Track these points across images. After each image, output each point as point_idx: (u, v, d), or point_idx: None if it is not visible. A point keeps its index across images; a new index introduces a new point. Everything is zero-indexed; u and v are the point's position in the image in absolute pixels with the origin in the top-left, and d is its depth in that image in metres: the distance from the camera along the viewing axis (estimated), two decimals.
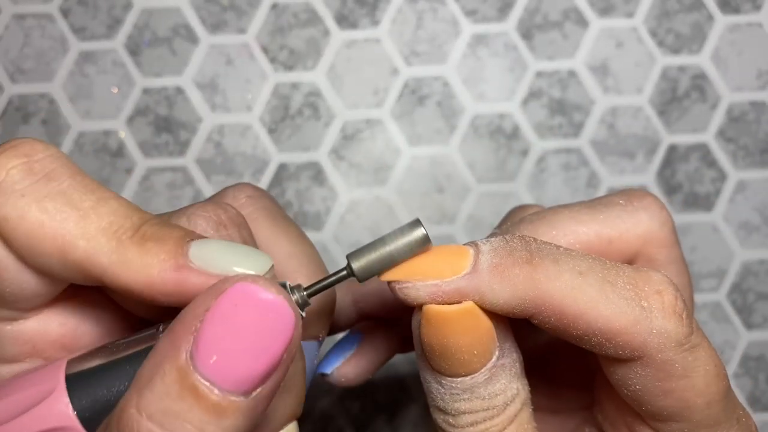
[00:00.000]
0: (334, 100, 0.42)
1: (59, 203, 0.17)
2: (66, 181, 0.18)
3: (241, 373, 0.16)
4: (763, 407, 0.42)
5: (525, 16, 0.43)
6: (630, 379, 0.19)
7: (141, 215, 0.18)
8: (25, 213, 0.17)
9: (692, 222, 0.42)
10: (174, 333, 0.16)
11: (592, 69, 0.42)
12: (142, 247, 0.17)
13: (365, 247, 0.20)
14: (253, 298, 0.16)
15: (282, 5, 0.42)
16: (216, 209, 0.20)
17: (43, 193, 0.17)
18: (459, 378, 0.20)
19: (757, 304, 0.42)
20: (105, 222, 0.17)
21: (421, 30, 0.42)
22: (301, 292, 0.20)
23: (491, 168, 0.42)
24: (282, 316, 0.16)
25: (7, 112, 0.41)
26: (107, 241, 0.17)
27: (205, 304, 0.16)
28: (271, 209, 0.24)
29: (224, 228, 0.20)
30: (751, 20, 0.43)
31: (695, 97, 0.42)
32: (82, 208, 0.17)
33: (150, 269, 0.17)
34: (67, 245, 0.17)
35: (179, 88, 0.42)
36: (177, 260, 0.17)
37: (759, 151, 0.42)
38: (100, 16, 0.42)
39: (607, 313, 0.19)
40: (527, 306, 0.19)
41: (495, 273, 0.19)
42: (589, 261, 0.19)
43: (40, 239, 0.17)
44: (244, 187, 0.24)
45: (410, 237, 0.20)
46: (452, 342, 0.19)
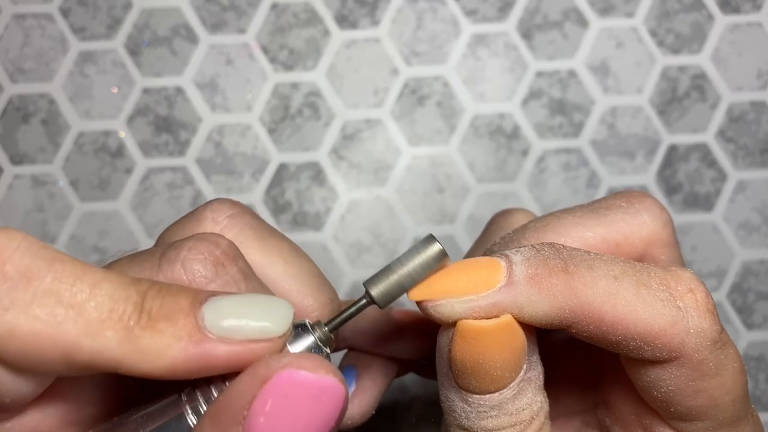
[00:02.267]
0: (334, 100, 0.42)
1: (49, 305, 0.15)
2: (47, 275, 0.16)
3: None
4: (763, 407, 0.42)
5: (525, 16, 0.43)
6: (663, 381, 0.19)
7: (138, 288, 0.17)
8: (13, 328, 0.15)
9: (692, 222, 0.42)
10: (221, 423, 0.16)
11: (592, 69, 0.42)
12: (155, 331, 0.16)
13: (381, 272, 0.19)
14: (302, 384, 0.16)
15: (282, 5, 0.42)
16: (208, 246, 0.19)
17: (28, 299, 0.15)
18: (488, 395, 0.19)
19: (757, 304, 0.42)
20: (105, 312, 0.16)
21: (421, 30, 0.42)
22: (322, 328, 0.19)
23: (491, 168, 0.42)
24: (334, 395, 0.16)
25: (7, 112, 0.41)
26: (114, 333, 0.16)
27: (250, 393, 0.15)
28: (256, 227, 0.22)
29: (223, 267, 0.19)
30: (751, 20, 0.43)
31: (695, 97, 0.42)
32: (75, 303, 0.16)
33: (169, 352, 0.16)
34: (71, 348, 0.16)
35: (179, 88, 0.42)
36: (195, 336, 0.16)
37: (759, 151, 0.42)
38: (100, 16, 0.42)
39: (645, 316, 0.18)
40: (566, 316, 0.18)
41: (532, 284, 0.18)
42: (621, 264, 0.19)
43: (38, 350, 0.16)
44: (220, 206, 0.22)
45: (426, 255, 0.19)
46: (487, 358, 0.19)
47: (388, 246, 0.41)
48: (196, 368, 0.16)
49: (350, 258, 0.41)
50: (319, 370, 0.16)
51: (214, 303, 0.17)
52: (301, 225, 0.41)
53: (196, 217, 0.22)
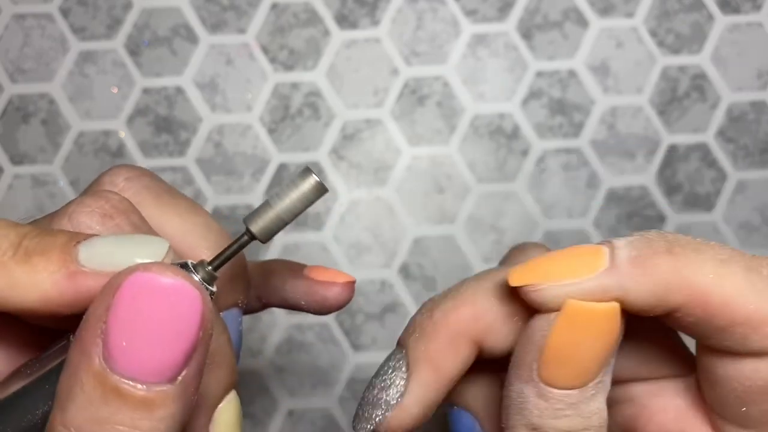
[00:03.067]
0: (334, 100, 0.42)
1: None
2: None
3: (160, 363, 0.15)
4: None
5: (525, 16, 0.43)
6: (758, 373, 0.19)
7: (18, 230, 0.17)
8: None
9: (692, 222, 0.42)
10: (81, 340, 0.16)
11: (592, 69, 0.42)
12: (28, 264, 0.16)
13: (260, 208, 0.19)
14: (150, 286, 0.15)
15: (282, 5, 0.42)
16: (97, 200, 0.19)
17: None
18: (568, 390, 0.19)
19: None
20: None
21: (421, 30, 0.42)
22: (205, 267, 0.19)
23: (491, 168, 0.42)
24: (185, 297, 0.16)
25: (6, 112, 0.41)
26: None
27: (104, 304, 0.16)
28: (153, 187, 0.22)
29: (110, 218, 0.19)
30: (751, 20, 0.43)
31: (695, 97, 0.42)
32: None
33: (42, 285, 0.16)
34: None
35: (179, 88, 0.42)
36: (68, 268, 0.16)
37: (759, 151, 0.42)
38: (100, 16, 0.42)
39: (755, 299, 0.18)
40: (672, 298, 0.18)
41: (636, 265, 0.18)
42: (729, 250, 0.19)
43: None
44: (119, 170, 0.22)
45: (304, 187, 0.19)
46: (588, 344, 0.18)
47: (388, 246, 0.41)
48: (69, 300, 0.17)
49: (350, 258, 0.41)
50: (166, 272, 0.16)
51: (89, 241, 0.17)
52: (301, 225, 0.41)
53: (97, 182, 0.22)
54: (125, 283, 0.15)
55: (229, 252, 0.19)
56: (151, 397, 0.15)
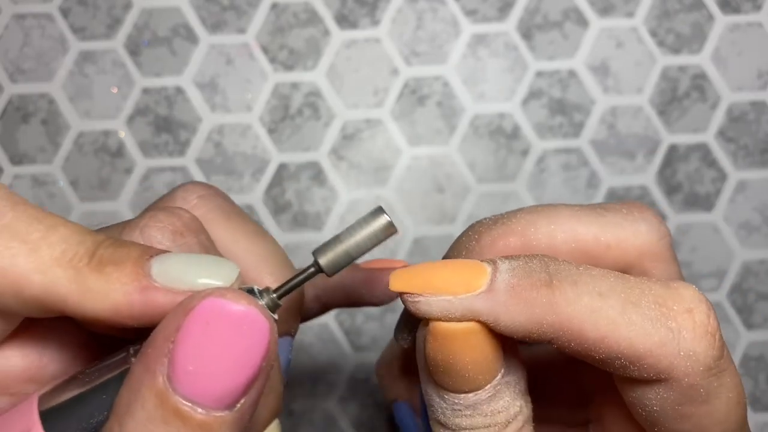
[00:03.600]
0: (334, 100, 0.42)
1: (5, 239, 0.16)
2: (8, 214, 0.17)
3: (222, 389, 0.16)
4: (763, 407, 0.42)
5: (525, 16, 0.43)
6: (649, 400, 0.19)
7: (94, 238, 0.17)
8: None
9: (692, 222, 0.42)
10: (147, 357, 0.16)
11: (592, 69, 0.42)
12: (102, 273, 0.17)
13: (330, 241, 0.19)
14: (223, 312, 0.16)
15: (282, 5, 0.42)
16: (169, 217, 0.19)
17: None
18: (462, 394, 0.19)
19: (757, 304, 0.42)
20: (58, 251, 0.17)
21: (421, 30, 0.42)
22: (270, 294, 0.19)
23: (491, 168, 0.42)
24: (256, 326, 0.16)
25: (6, 112, 0.41)
26: (63, 271, 0.16)
27: (175, 324, 0.16)
28: (225, 208, 0.23)
29: (181, 236, 0.19)
30: (751, 20, 0.43)
31: (695, 97, 0.42)
32: (30, 240, 0.16)
33: (113, 295, 0.17)
34: (21, 282, 0.16)
35: (179, 88, 0.42)
36: (140, 282, 0.17)
37: (759, 151, 0.42)
38: (100, 16, 0.42)
39: (631, 335, 0.18)
40: (545, 330, 0.18)
41: (512, 294, 0.18)
42: (610, 281, 0.18)
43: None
44: (193, 186, 0.23)
45: (374, 226, 0.19)
46: (458, 359, 0.18)
47: (388, 246, 0.41)
48: (138, 313, 0.17)
49: None
50: (240, 300, 0.16)
51: (162, 257, 0.17)
52: (301, 225, 0.41)
53: (168, 196, 0.22)
54: (199, 307, 0.16)
55: (295, 282, 0.19)
56: (209, 422, 0.16)
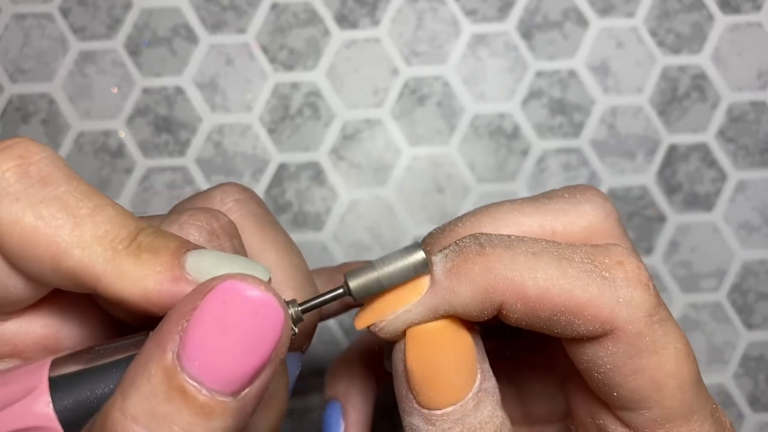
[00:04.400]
0: (334, 100, 0.42)
1: (54, 209, 0.17)
2: (62, 186, 0.17)
3: (230, 373, 0.16)
4: (763, 407, 0.42)
5: (525, 16, 0.43)
6: (600, 359, 0.19)
7: (137, 224, 0.18)
8: (19, 218, 0.17)
9: (692, 222, 0.42)
10: (160, 333, 0.16)
11: (592, 69, 0.42)
12: (138, 258, 0.17)
13: (365, 267, 0.20)
14: (242, 295, 0.16)
15: (282, 5, 0.42)
16: (208, 218, 0.20)
17: (39, 198, 0.17)
18: (449, 407, 0.19)
19: (757, 304, 0.42)
20: (101, 230, 0.17)
21: (421, 30, 0.42)
22: (295, 307, 0.19)
23: (491, 168, 0.42)
24: (272, 313, 0.16)
25: (6, 112, 0.41)
26: (103, 250, 0.17)
27: (192, 303, 0.16)
28: (259, 215, 0.23)
29: (216, 238, 0.20)
30: (751, 20, 0.43)
31: (695, 97, 0.42)
32: (78, 215, 0.17)
33: (146, 281, 0.17)
34: (61, 253, 0.17)
35: (179, 88, 0.42)
36: (173, 272, 0.17)
37: (759, 151, 0.42)
38: (100, 16, 0.42)
39: (569, 286, 0.18)
40: (492, 297, 0.19)
41: (451, 276, 0.19)
42: (542, 243, 0.19)
43: (33, 245, 0.17)
44: (231, 188, 0.23)
45: (409, 260, 0.19)
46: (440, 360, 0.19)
47: (388, 246, 0.41)
48: (166, 303, 0.17)
49: (350, 258, 0.41)
50: (259, 285, 0.16)
51: (198, 252, 0.18)
52: (301, 225, 0.41)
53: (206, 195, 0.23)
54: (217, 287, 0.16)
55: (321, 300, 0.20)
56: (211, 405, 0.16)
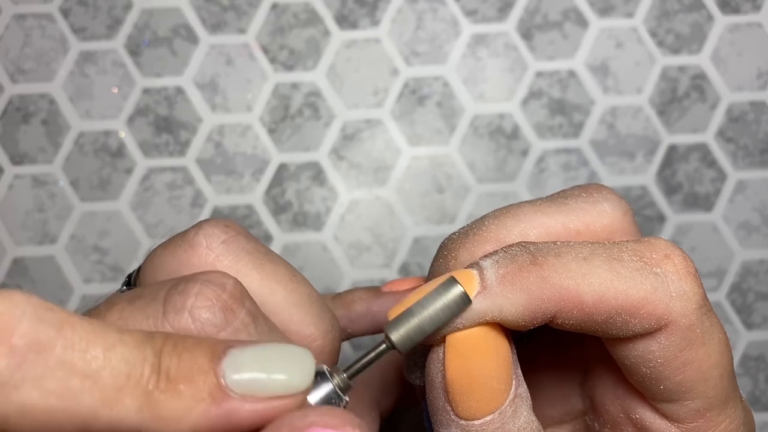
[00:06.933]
0: (334, 100, 0.42)
1: (62, 377, 0.14)
2: (57, 343, 0.14)
3: None
4: (763, 407, 0.42)
5: (525, 16, 0.43)
6: (651, 353, 0.19)
7: (153, 346, 0.15)
8: (26, 407, 0.14)
9: (692, 222, 0.42)
10: None
11: (592, 69, 0.42)
12: (174, 393, 0.15)
13: (402, 315, 0.19)
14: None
15: (282, 5, 0.42)
16: (215, 291, 0.18)
17: (39, 373, 0.14)
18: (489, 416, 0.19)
19: (757, 304, 0.42)
20: (122, 378, 0.15)
21: (421, 30, 0.42)
22: (341, 375, 0.18)
23: (491, 168, 0.42)
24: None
25: (7, 112, 0.42)
26: (133, 400, 0.15)
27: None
28: (252, 251, 0.21)
29: (232, 312, 0.18)
30: (751, 20, 0.43)
31: (695, 97, 0.42)
32: (90, 371, 0.14)
33: (192, 416, 0.15)
34: (87, 420, 0.14)
35: (179, 88, 0.42)
36: (216, 396, 0.15)
37: (759, 151, 0.42)
38: (101, 17, 0.42)
39: (624, 287, 0.18)
40: (546, 306, 0.18)
41: (505, 283, 0.18)
42: (589, 246, 0.19)
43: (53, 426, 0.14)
44: (213, 230, 0.21)
45: (448, 297, 0.19)
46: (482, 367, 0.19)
47: (388, 246, 0.41)
48: (219, 430, 0.16)
49: (350, 258, 0.41)
50: (345, 427, 0.15)
51: (233, 358, 0.16)
52: (301, 225, 0.41)
53: (189, 243, 0.20)
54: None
55: (366, 360, 0.19)
56: None
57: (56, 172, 0.41)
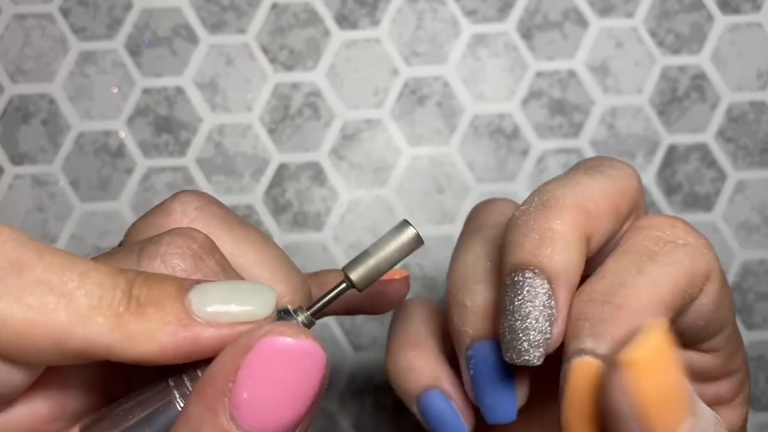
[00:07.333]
0: (334, 100, 0.42)
1: (41, 294, 0.16)
2: (38, 265, 0.16)
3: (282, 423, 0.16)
4: (763, 407, 0.42)
5: (525, 16, 0.43)
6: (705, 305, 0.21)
7: (126, 278, 0.17)
8: (7, 316, 0.16)
9: (692, 222, 0.42)
10: (207, 396, 0.16)
11: (592, 69, 0.42)
12: (143, 316, 0.16)
13: (359, 257, 0.20)
14: (284, 350, 0.16)
15: (282, 5, 0.42)
16: (186, 241, 0.19)
17: (20, 288, 0.16)
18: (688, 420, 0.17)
19: (757, 304, 0.42)
20: (95, 299, 0.16)
21: (421, 30, 0.42)
22: (304, 313, 0.19)
23: (491, 168, 0.42)
24: (314, 360, 0.16)
25: (7, 112, 0.42)
26: (105, 319, 0.16)
27: (233, 363, 0.16)
28: (224, 216, 0.22)
29: (201, 260, 0.19)
30: (750, 20, 0.43)
31: (695, 97, 0.42)
32: (66, 291, 0.16)
33: (159, 336, 0.16)
34: (63, 337, 0.16)
35: (179, 88, 0.42)
36: (183, 320, 0.17)
37: (759, 151, 0.42)
38: (101, 17, 0.42)
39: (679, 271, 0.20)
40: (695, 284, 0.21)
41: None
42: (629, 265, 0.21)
43: (31, 338, 0.16)
44: (188, 197, 0.22)
45: (401, 239, 0.20)
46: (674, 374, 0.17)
47: None
48: (184, 352, 0.17)
49: (350, 258, 0.41)
50: (299, 335, 0.16)
51: (199, 289, 0.17)
52: (301, 225, 0.41)
53: (165, 210, 0.22)
54: (258, 347, 0.16)
55: (327, 299, 0.20)
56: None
57: (56, 172, 0.41)
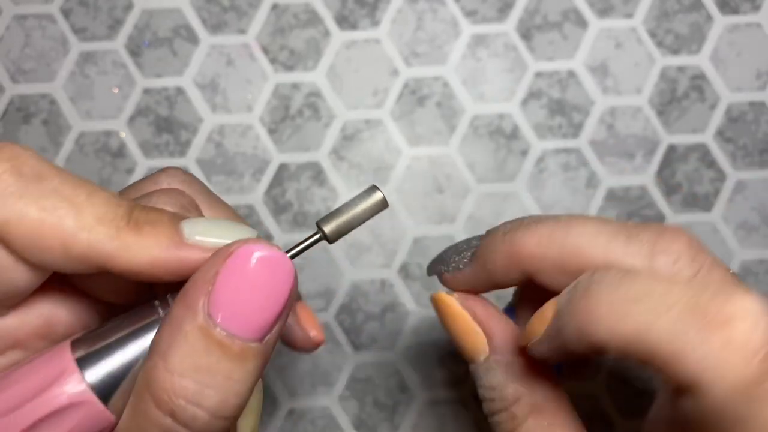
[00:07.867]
0: (334, 101, 0.42)
1: (55, 200, 0.18)
2: (55, 179, 0.19)
3: (256, 323, 0.18)
4: None
5: (525, 16, 0.43)
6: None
7: (128, 203, 0.19)
8: (25, 213, 0.18)
9: (692, 222, 0.42)
10: (188, 297, 0.18)
11: (592, 69, 0.42)
12: (140, 232, 0.19)
13: (333, 213, 0.23)
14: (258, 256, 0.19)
15: (282, 6, 0.42)
16: (175, 195, 0.22)
17: (38, 193, 0.18)
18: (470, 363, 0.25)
19: None
20: (101, 213, 0.19)
21: (421, 30, 0.43)
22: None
23: (491, 168, 0.42)
24: (284, 268, 0.19)
25: (8, 112, 0.42)
26: (107, 230, 0.19)
27: (213, 269, 0.18)
28: (207, 193, 0.26)
29: (187, 211, 0.22)
30: (750, 21, 0.43)
31: (694, 97, 0.42)
32: (76, 202, 0.18)
33: (152, 250, 0.19)
34: (69, 239, 0.18)
35: (180, 89, 0.42)
36: (174, 239, 0.19)
37: (758, 152, 0.42)
38: (101, 17, 0.42)
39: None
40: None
41: None
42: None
43: (42, 236, 0.18)
44: (175, 172, 0.25)
45: (370, 201, 0.23)
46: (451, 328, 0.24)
47: (388, 246, 0.41)
48: (173, 268, 0.19)
49: (350, 258, 0.41)
50: (270, 247, 0.19)
51: (190, 221, 0.20)
52: (301, 225, 0.41)
53: (153, 180, 0.25)
54: (237, 252, 0.19)
55: (302, 246, 0.22)
56: (244, 351, 0.18)
57: None
